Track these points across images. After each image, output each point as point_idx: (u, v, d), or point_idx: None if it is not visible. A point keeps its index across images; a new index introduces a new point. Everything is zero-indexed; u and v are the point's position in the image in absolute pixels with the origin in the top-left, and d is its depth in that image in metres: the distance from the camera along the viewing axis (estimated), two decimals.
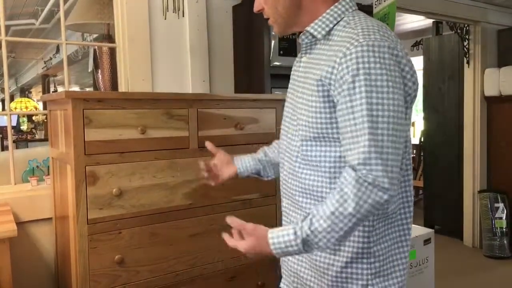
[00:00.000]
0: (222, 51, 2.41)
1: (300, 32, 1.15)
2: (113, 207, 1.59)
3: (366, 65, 0.97)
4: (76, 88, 11.00)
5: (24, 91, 10.33)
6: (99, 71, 2.54)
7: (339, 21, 1.08)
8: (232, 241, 1.08)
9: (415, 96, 1.07)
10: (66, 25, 2.54)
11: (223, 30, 2.41)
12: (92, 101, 1.53)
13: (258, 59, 2.26)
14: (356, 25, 1.03)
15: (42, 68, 7.71)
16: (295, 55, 2.31)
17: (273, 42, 2.24)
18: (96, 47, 2.54)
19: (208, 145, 1.44)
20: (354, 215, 0.94)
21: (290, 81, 1.24)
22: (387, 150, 0.96)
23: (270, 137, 1.98)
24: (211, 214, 1.82)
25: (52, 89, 7.83)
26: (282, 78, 2.45)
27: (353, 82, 0.97)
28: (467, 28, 3.98)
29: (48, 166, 2.01)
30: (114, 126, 1.57)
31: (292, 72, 1.24)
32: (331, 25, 1.09)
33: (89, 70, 2.58)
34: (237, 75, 2.44)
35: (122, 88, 2.17)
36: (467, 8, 3.78)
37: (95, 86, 2.74)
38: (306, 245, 0.97)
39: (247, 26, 2.34)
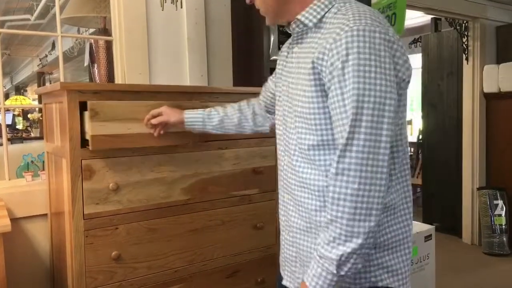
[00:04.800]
0: (220, 45, 2.37)
1: (290, 22, 1.12)
2: (110, 202, 1.55)
3: (355, 50, 0.95)
4: None
5: (20, 89, 10.25)
6: (95, 65, 2.50)
7: (330, 8, 1.06)
8: None
9: (408, 82, 1.04)
10: (61, 19, 2.50)
11: (222, 24, 2.37)
12: (88, 93, 1.49)
13: (257, 54, 2.23)
14: (347, 11, 1.01)
15: (38, 66, 7.64)
16: None
17: (272, 36, 2.21)
18: (92, 41, 2.50)
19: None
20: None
21: (280, 71, 1.21)
22: (369, 137, 0.94)
23: (271, 131, 1.94)
24: (209, 209, 1.79)
25: None
26: None
27: (343, 68, 0.95)
28: (466, 24, 3.97)
29: (43, 161, 1.96)
30: (122, 119, 1.47)
31: (280, 63, 1.22)
32: (322, 13, 1.07)
33: (85, 65, 2.53)
34: (235, 69, 2.40)
35: (119, 82, 2.13)
36: (466, 4, 3.76)
37: (92, 80, 2.70)
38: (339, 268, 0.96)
39: (246, 20, 2.30)
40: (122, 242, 1.58)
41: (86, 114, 1.42)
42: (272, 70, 2.23)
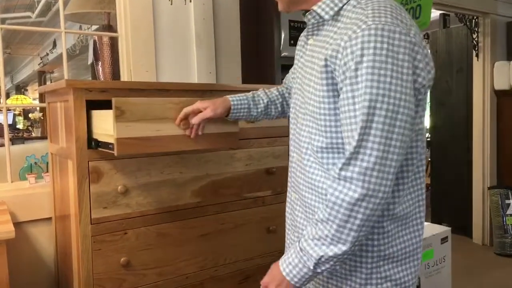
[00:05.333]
0: (229, 41, 2.29)
1: (306, 11, 1.05)
2: (118, 205, 1.48)
3: (371, 51, 0.87)
4: None
5: (20, 89, 10.16)
6: (99, 63, 2.43)
7: (349, 0, 0.98)
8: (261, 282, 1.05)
9: (429, 86, 0.97)
10: (64, 15, 2.43)
11: (230, 19, 2.29)
12: (95, 91, 1.41)
13: (267, 50, 2.15)
14: (367, 5, 0.93)
15: (39, 65, 7.56)
16: None
17: (283, 31, 2.13)
18: (96, 38, 2.42)
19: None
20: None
21: (296, 64, 1.15)
22: (376, 147, 0.87)
23: (282, 130, 1.87)
24: (221, 212, 1.71)
25: None
26: None
27: (356, 70, 0.89)
28: (476, 20, 3.88)
29: (47, 163, 1.89)
30: (150, 119, 1.26)
31: (297, 53, 1.16)
32: (340, 4, 0.99)
33: (89, 62, 2.46)
34: (244, 66, 2.33)
35: (125, 79, 2.06)
36: (477, 0, 3.68)
37: (96, 79, 2.63)
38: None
39: (256, 15, 2.22)
40: (131, 248, 1.50)
41: (108, 114, 1.26)
42: (283, 66, 2.17)
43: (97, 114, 1.39)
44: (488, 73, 3.87)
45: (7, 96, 9.44)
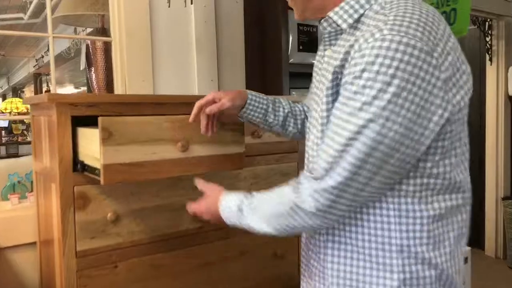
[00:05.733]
0: (232, 46, 2.12)
1: (322, 18, 0.89)
2: (107, 235, 1.30)
3: (375, 68, 0.72)
4: (70, 87, 10.65)
5: (17, 91, 9.99)
6: (92, 69, 2.25)
7: (372, 5, 0.82)
8: (191, 207, 1.08)
9: (462, 109, 0.81)
10: (55, 18, 2.26)
11: (233, 22, 2.12)
12: (82, 106, 1.24)
13: (274, 56, 1.98)
14: (391, 11, 0.77)
15: (34, 67, 7.39)
16: (316, 50, 2.03)
17: (291, 35, 1.96)
18: (88, 42, 2.25)
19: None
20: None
21: (315, 74, 1.01)
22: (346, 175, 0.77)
23: (290, 146, 1.70)
24: (226, 238, 1.54)
25: (44, 88, 7.52)
26: (302, 77, 2.17)
27: (351, 83, 0.76)
28: (490, 22, 3.71)
29: (32, 181, 1.71)
30: (144, 141, 1.11)
31: (314, 69, 1.02)
32: (361, 11, 0.83)
33: (81, 68, 2.29)
34: (249, 73, 2.15)
35: (118, 89, 1.89)
36: (490, 1, 3.51)
37: (89, 86, 2.46)
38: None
39: (261, 18, 2.05)
40: (122, 283, 1.33)
41: (95, 134, 1.09)
42: (291, 74, 2.00)
43: (83, 133, 1.22)
44: (502, 78, 3.70)
45: (4, 98, 9.27)
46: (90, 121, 1.21)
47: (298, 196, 0.82)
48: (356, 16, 0.82)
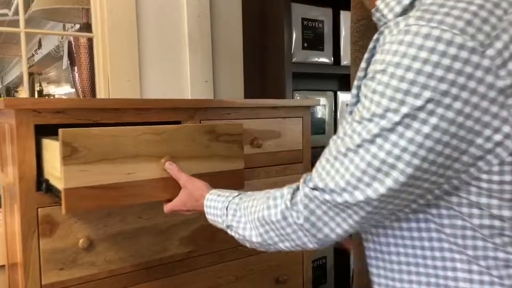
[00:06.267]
0: (229, 44, 1.92)
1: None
2: (79, 265, 1.10)
3: (390, 70, 0.55)
4: (67, 87, 10.43)
5: (10, 91, 9.78)
6: (76, 68, 2.05)
7: None
8: (167, 206, 1.00)
9: None
10: (35, 11, 2.06)
11: (230, 17, 1.92)
12: (46, 112, 1.04)
13: (276, 54, 1.78)
14: None
15: None
16: (323, 48, 1.83)
17: (294, 31, 1.76)
18: (71, 39, 2.05)
19: None
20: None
21: None
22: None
23: (295, 155, 1.50)
24: (219, 263, 1.35)
25: (37, 88, 7.31)
26: (307, 77, 1.98)
27: (365, 86, 0.61)
28: None
29: (0, 196, 1.51)
30: (116, 158, 0.90)
31: None
32: None
33: (63, 68, 2.09)
34: (247, 73, 1.95)
35: (101, 91, 1.68)
36: None
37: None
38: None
39: (262, 12, 1.85)
40: None
41: (56, 150, 0.89)
42: (295, 75, 1.80)
43: (47, 145, 1.02)
44: None
45: None
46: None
47: None
48: (406, 2, 0.63)
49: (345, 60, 1.89)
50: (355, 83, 0.68)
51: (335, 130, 1.91)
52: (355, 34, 1.00)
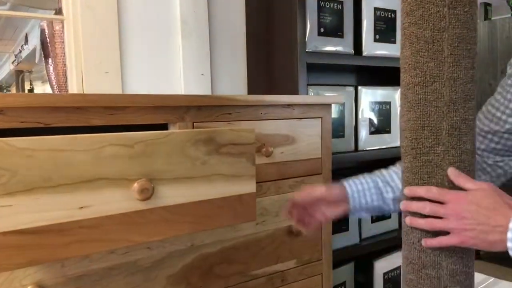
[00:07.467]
0: (229, 30, 1.63)
1: None
2: None
3: None
4: None
5: (2, 89, 9.48)
6: (50, 61, 1.76)
7: None
8: (431, 241, 0.66)
9: None
10: None
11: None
12: None
13: (286, 42, 1.48)
14: None
15: (12, 63, 6.85)
16: (342, 35, 1.53)
17: (308, 15, 1.45)
18: (45, 27, 1.75)
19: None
20: None
21: None
22: None
23: (313, 166, 1.21)
24: None
25: (27, 87, 7.00)
26: (322, 70, 1.68)
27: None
28: None
29: None
30: (62, 184, 0.60)
31: None
32: None
33: (36, 61, 1.79)
34: (252, 66, 1.66)
35: (73, 85, 1.39)
36: None
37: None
38: None
39: None
40: None
41: None
42: (309, 66, 1.50)
43: None
44: None
45: None
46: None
47: None
48: None
49: (367, 50, 1.60)
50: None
51: (356, 133, 1.60)
52: (409, 2, 0.71)
